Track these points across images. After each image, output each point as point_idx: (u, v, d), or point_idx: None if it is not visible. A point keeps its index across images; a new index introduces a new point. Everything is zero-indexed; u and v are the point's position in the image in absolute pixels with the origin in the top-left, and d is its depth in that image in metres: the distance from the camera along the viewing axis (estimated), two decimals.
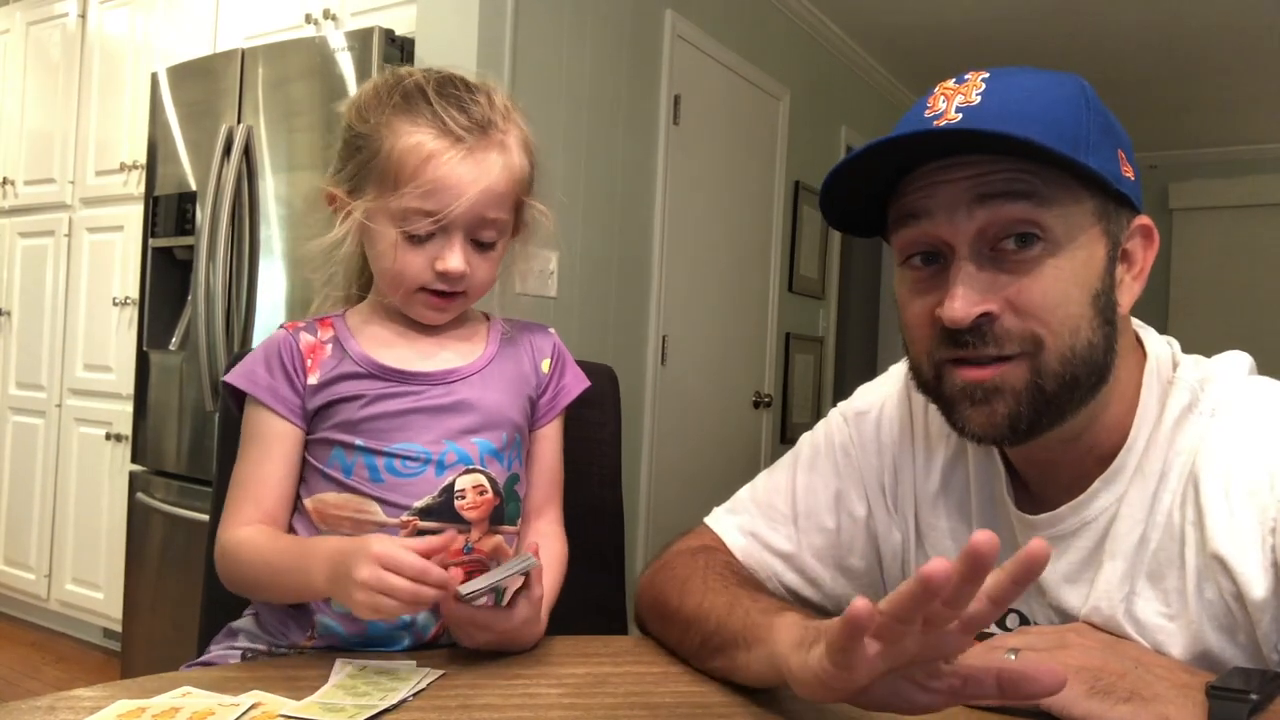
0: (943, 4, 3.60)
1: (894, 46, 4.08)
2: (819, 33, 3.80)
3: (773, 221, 3.61)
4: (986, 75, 0.73)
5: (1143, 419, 0.77)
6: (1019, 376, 0.72)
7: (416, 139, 0.86)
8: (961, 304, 0.70)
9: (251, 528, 0.88)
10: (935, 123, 0.72)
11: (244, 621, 0.95)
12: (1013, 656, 0.70)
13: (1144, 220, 0.77)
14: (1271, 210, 5.27)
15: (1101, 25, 3.66)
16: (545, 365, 0.99)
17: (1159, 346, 0.81)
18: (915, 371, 0.79)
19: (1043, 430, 0.74)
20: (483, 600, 0.80)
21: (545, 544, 0.93)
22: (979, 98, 0.72)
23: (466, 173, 0.86)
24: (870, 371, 4.66)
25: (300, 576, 0.83)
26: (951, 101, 0.72)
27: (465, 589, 0.77)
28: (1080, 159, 0.69)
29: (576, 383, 1.01)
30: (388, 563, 0.74)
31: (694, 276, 3.14)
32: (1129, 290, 0.76)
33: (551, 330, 1.03)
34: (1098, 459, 0.78)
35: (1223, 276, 5.30)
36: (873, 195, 0.79)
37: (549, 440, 0.99)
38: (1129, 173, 0.75)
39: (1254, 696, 0.62)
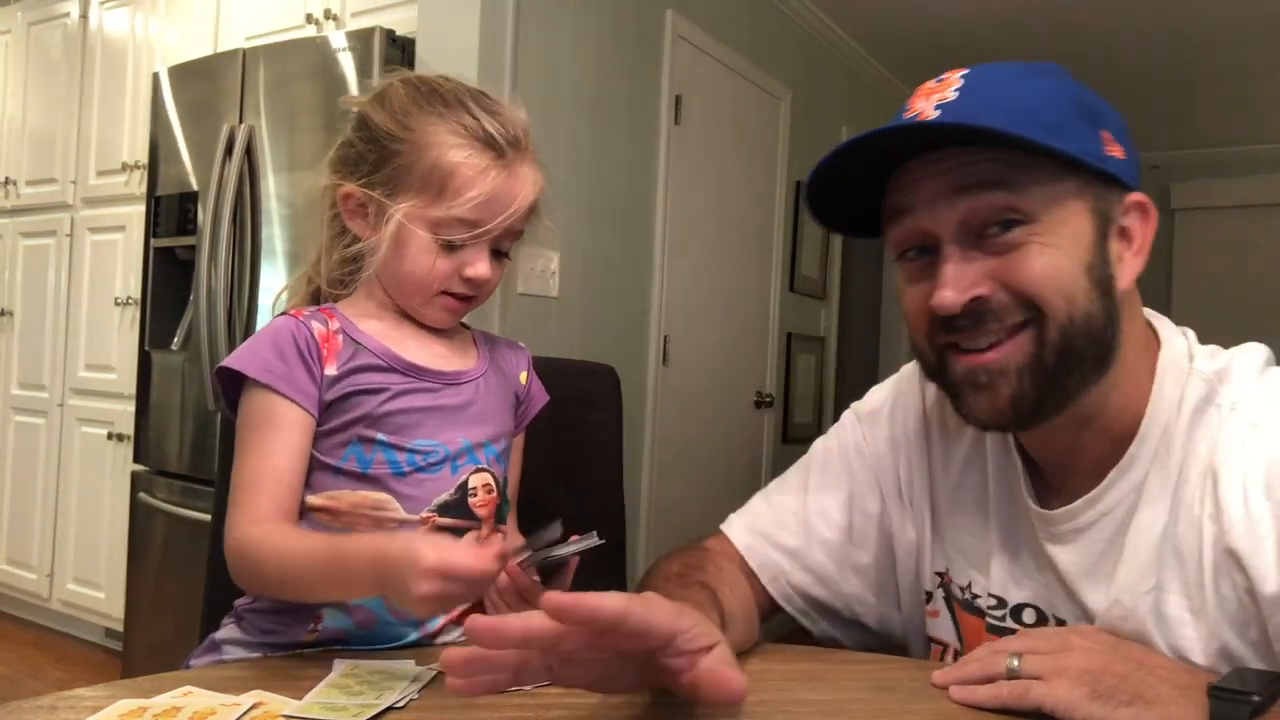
0: (944, 4, 3.59)
1: (895, 47, 4.08)
2: (820, 33, 3.80)
3: (774, 221, 3.61)
4: (965, 72, 0.76)
5: (1157, 409, 0.77)
6: (1021, 350, 0.73)
7: (466, 153, 0.87)
8: (951, 291, 0.73)
9: (269, 524, 0.83)
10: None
11: (227, 631, 0.92)
12: (1015, 662, 0.70)
13: (1138, 197, 0.77)
14: (1273, 210, 5.26)
15: (1102, 25, 3.66)
16: (524, 377, 1.03)
17: (1174, 335, 0.81)
18: (920, 359, 0.81)
19: (1048, 411, 0.75)
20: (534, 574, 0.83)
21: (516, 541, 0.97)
22: (956, 94, 0.74)
23: (512, 188, 0.89)
24: (871, 371, 4.63)
25: (343, 577, 0.79)
26: (930, 100, 0.75)
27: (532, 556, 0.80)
28: (1054, 144, 0.70)
29: (541, 396, 1.05)
30: (447, 572, 0.70)
31: (695, 276, 3.14)
32: (1130, 266, 0.76)
33: (522, 345, 1.06)
34: (1112, 448, 0.78)
35: (1224, 276, 5.29)
36: (864, 199, 0.80)
37: (517, 449, 1.03)
38: (1117, 152, 0.75)
39: (1256, 697, 0.62)
